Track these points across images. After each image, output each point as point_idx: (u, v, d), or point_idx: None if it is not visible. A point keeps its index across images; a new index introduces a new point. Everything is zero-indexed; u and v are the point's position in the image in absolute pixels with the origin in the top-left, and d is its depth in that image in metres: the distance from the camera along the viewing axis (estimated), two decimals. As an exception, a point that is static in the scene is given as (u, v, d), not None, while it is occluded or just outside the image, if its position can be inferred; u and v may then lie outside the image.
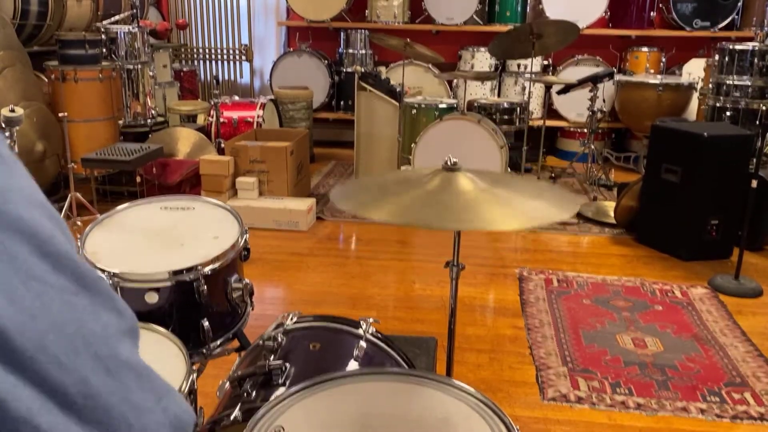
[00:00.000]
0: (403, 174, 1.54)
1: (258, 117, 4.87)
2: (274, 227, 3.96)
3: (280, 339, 1.37)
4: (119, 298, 0.45)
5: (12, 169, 0.42)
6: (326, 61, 6.01)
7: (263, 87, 6.47)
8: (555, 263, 3.54)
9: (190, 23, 6.44)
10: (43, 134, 3.94)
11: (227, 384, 1.35)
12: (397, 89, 4.68)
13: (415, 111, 4.66)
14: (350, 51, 6.00)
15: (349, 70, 5.91)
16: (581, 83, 4.51)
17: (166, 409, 0.45)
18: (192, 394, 1.31)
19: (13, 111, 2.82)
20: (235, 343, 1.71)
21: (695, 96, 5.14)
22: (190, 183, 4.25)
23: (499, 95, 5.91)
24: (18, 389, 0.36)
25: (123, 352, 0.43)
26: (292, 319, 1.47)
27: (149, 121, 4.64)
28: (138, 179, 4.08)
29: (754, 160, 3.49)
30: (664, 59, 5.74)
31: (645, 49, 5.75)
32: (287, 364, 1.29)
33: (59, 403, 0.38)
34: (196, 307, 1.57)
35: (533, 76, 5.01)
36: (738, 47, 4.24)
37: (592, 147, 4.65)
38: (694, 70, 5.38)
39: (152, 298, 1.51)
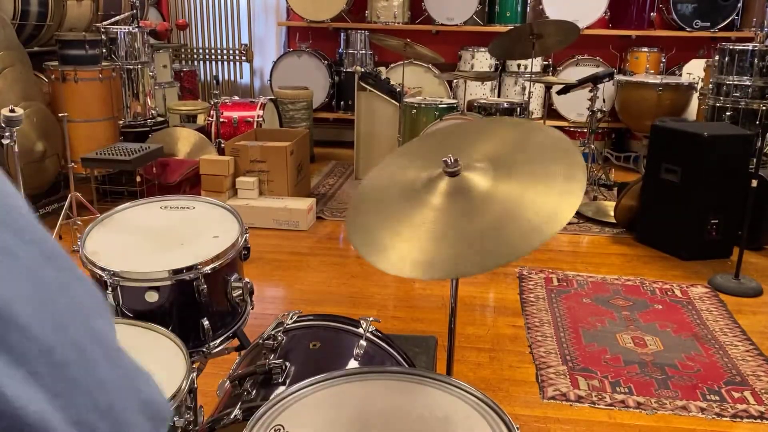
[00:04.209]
0: (402, 180, 1.42)
1: (258, 117, 4.87)
2: (274, 227, 3.96)
3: (280, 338, 1.37)
4: (84, 274, 0.45)
5: None
6: (326, 62, 6.01)
7: (263, 87, 6.47)
8: (555, 262, 3.54)
9: (190, 23, 6.44)
10: (43, 134, 3.94)
11: (227, 383, 1.35)
12: (397, 89, 4.69)
13: (415, 111, 4.66)
14: (350, 51, 5.99)
15: (349, 70, 5.90)
16: (581, 83, 4.50)
17: (138, 390, 0.44)
18: (192, 392, 1.31)
19: (13, 111, 2.82)
20: (235, 342, 1.71)
21: (695, 96, 5.14)
22: (190, 183, 4.26)
23: (499, 95, 5.91)
24: None
25: (94, 326, 0.43)
26: (292, 318, 1.47)
27: (149, 121, 4.64)
28: (138, 179, 4.08)
29: (754, 159, 3.49)
30: (664, 59, 5.74)
31: (645, 49, 5.75)
32: (287, 363, 1.29)
33: (26, 371, 0.38)
34: (196, 306, 1.57)
35: (533, 76, 5.00)
36: (738, 47, 4.24)
37: (592, 147, 4.64)
38: (694, 70, 5.38)
39: (152, 297, 1.51)
